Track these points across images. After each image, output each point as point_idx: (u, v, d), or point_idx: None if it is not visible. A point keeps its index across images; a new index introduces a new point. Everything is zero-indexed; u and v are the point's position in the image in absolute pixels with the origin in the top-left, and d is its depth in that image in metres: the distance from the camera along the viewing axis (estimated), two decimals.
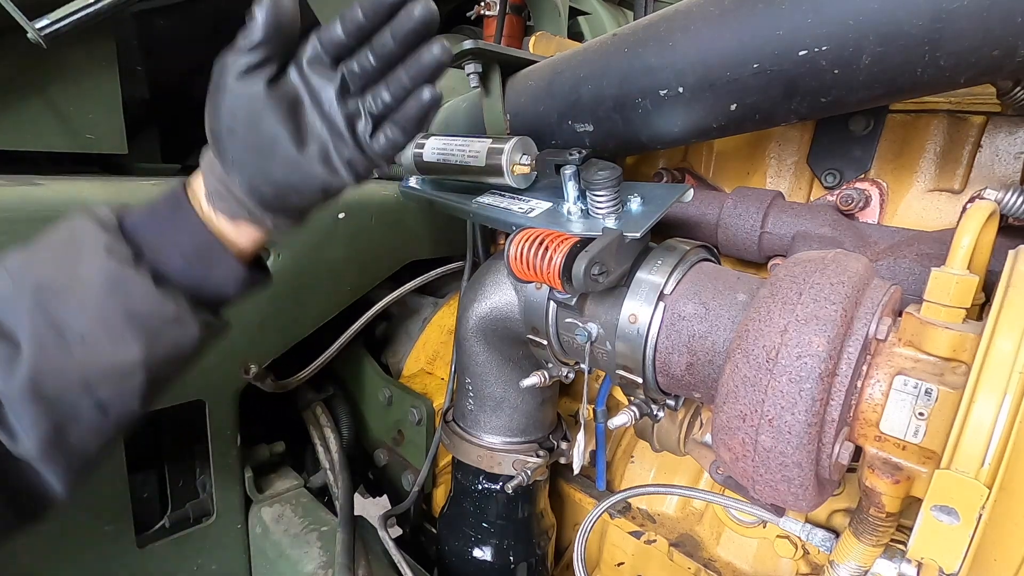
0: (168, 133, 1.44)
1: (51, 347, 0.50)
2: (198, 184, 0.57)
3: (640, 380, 0.69)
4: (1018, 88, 0.63)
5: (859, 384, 0.53)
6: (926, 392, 0.49)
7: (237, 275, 0.60)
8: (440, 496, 1.23)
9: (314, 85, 0.51)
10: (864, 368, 0.53)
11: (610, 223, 0.69)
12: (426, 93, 0.50)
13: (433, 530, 1.20)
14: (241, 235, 0.59)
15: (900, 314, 0.55)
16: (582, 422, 0.76)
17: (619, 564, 1.01)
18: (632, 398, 0.74)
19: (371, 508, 1.27)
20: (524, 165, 0.76)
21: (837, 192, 0.84)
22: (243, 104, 0.51)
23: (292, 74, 0.52)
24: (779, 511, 0.72)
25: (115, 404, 0.53)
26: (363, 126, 0.52)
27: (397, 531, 1.25)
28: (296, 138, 0.51)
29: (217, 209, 0.57)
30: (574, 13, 1.77)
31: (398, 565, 0.97)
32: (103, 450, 0.56)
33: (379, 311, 1.12)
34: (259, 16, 0.48)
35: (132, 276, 0.53)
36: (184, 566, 1.00)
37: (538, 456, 0.93)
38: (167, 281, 0.55)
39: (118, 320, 0.52)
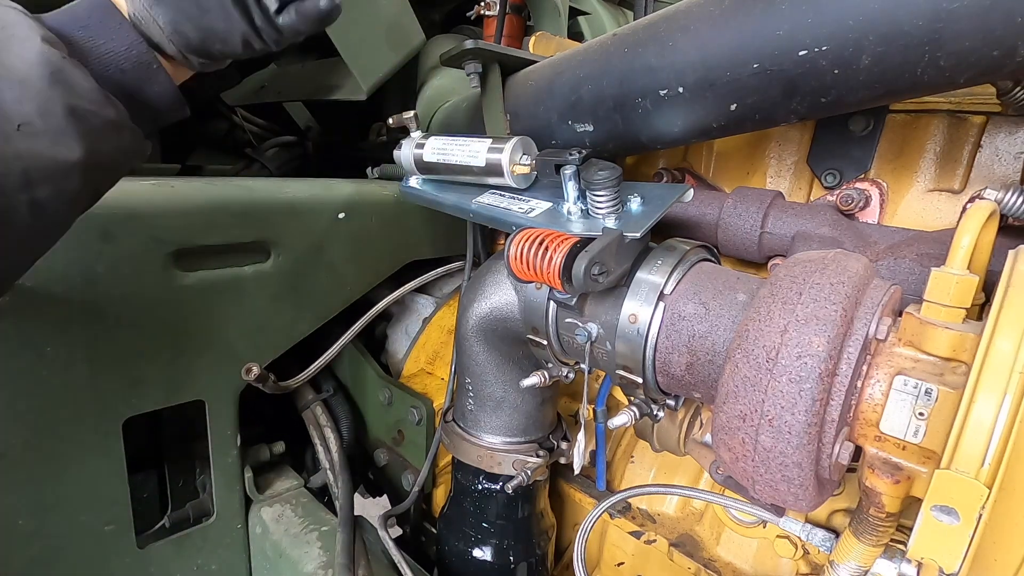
0: (168, 133, 1.44)
1: None
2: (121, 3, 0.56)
3: (640, 380, 0.69)
4: (1018, 88, 0.63)
5: (859, 384, 0.53)
6: (926, 392, 0.49)
7: (171, 93, 0.59)
8: (440, 496, 1.23)
9: None
10: (864, 368, 0.53)
11: (610, 223, 0.69)
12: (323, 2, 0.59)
13: (433, 530, 1.20)
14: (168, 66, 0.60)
15: (900, 314, 0.55)
16: (582, 422, 0.76)
17: (619, 564, 1.01)
18: (632, 398, 0.74)
19: (371, 508, 1.27)
20: (524, 165, 0.76)
21: (837, 192, 0.84)
22: None
23: None
24: (779, 511, 0.72)
25: (49, 207, 0.49)
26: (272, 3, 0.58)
27: (397, 531, 1.25)
28: None
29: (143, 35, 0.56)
30: (574, 13, 1.77)
31: (398, 565, 0.97)
32: (24, 265, 0.53)
33: (379, 311, 1.12)
34: None
35: (73, 70, 0.50)
36: (184, 566, 1.00)
37: (538, 456, 0.93)
38: (104, 85, 0.53)
39: (59, 113, 0.49)
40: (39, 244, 0.52)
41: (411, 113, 0.90)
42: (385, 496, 1.40)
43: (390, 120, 0.87)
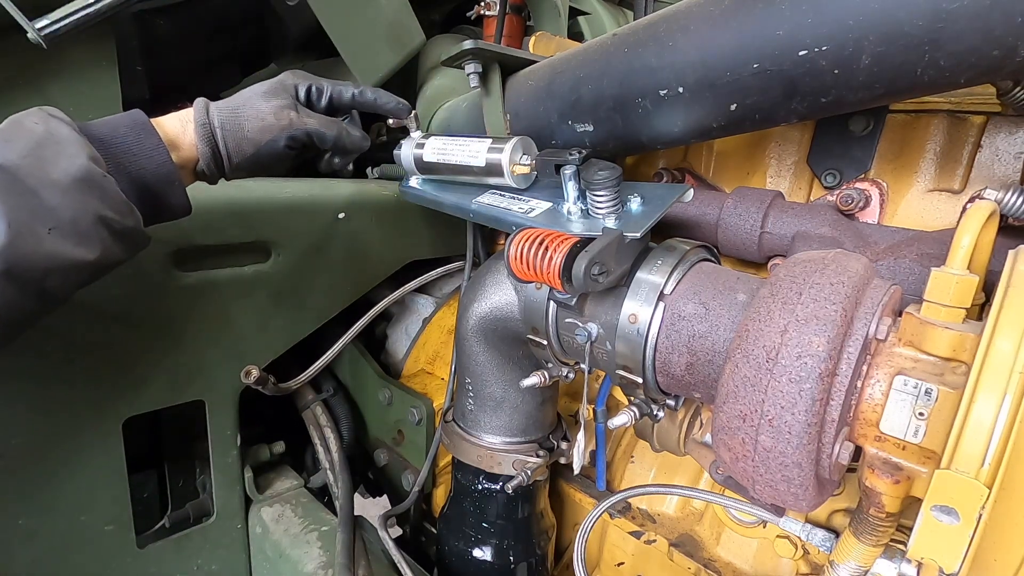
0: None
1: (26, 234, 0.51)
2: (171, 128, 0.68)
3: (640, 380, 0.69)
4: (1018, 88, 0.63)
5: (859, 384, 0.53)
6: (926, 392, 0.49)
7: (184, 203, 0.68)
8: (440, 496, 1.23)
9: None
10: (864, 368, 0.53)
11: (610, 223, 0.69)
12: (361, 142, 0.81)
13: (433, 530, 1.20)
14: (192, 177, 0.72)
15: (900, 314, 0.55)
16: (582, 422, 0.76)
17: (619, 564, 1.01)
18: (632, 398, 0.74)
19: (371, 508, 1.27)
20: (524, 165, 0.76)
21: (837, 192, 0.84)
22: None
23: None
24: (779, 511, 0.72)
25: (52, 296, 0.55)
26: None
27: (397, 531, 1.25)
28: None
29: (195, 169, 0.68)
30: (574, 13, 1.77)
31: (398, 565, 0.97)
32: (9, 339, 0.56)
33: (379, 312, 1.12)
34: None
35: (109, 183, 0.58)
36: (184, 566, 1.00)
37: (538, 456, 0.93)
38: (130, 192, 0.61)
39: (89, 221, 0.55)
40: (30, 324, 0.57)
41: (411, 113, 0.90)
42: (385, 496, 1.40)
43: (390, 120, 0.87)
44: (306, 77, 0.79)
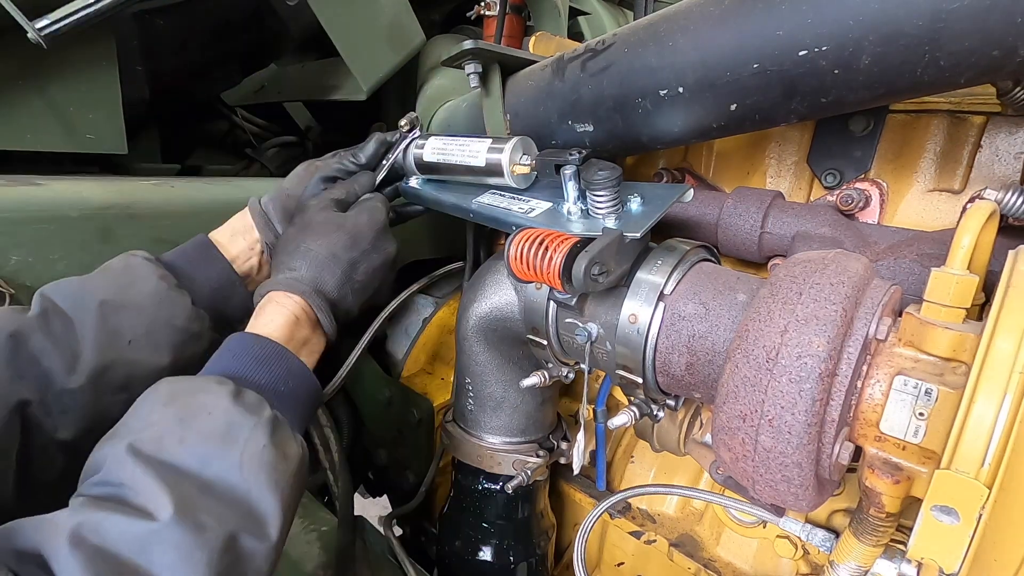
0: (168, 133, 1.44)
1: (108, 348, 0.61)
2: (232, 245, 0.78)
3: (640, 380, 0.69)
4: (1018, 88, 0.63)
5: (859, 384, 0.53)
6: (926, 392, 0.49)
7: (247, 306, 0.73)
8: (440, 496, 1.23)
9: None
10: (864, 368, 0.53)
11: (610, 223, 0.69)
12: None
13: (433, 530, 1.20)
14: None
15: (900, 314, 0.55)
16: (582, 422, 0.76)
17: (619, 564, 1.01)
18: (632, 398, 0.74)
19: (371, 508, 1.27)
20: (524, 165, 0.76)
21: (837, 192, 0.84)
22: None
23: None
24: (779, 511, 0.72)
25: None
26: None
27: (397, 531, 1.25)
28: None
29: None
30: (574, 13, 1.77)
31: (403, 565, 0.96)
32: None
33: (388, 313, 1.12)
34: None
35: (177, 296, 0.68)
36: None
37: (538, 456, 0.93)
38: (197, 300, 0.70)
39: (161, 331, 0.65)
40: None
41: (413, 114, 0.91)
42: (385, 496, 1.40)
43: (402, 122, 0.89)
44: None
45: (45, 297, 0.62)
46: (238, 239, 0.79)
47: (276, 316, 0.64)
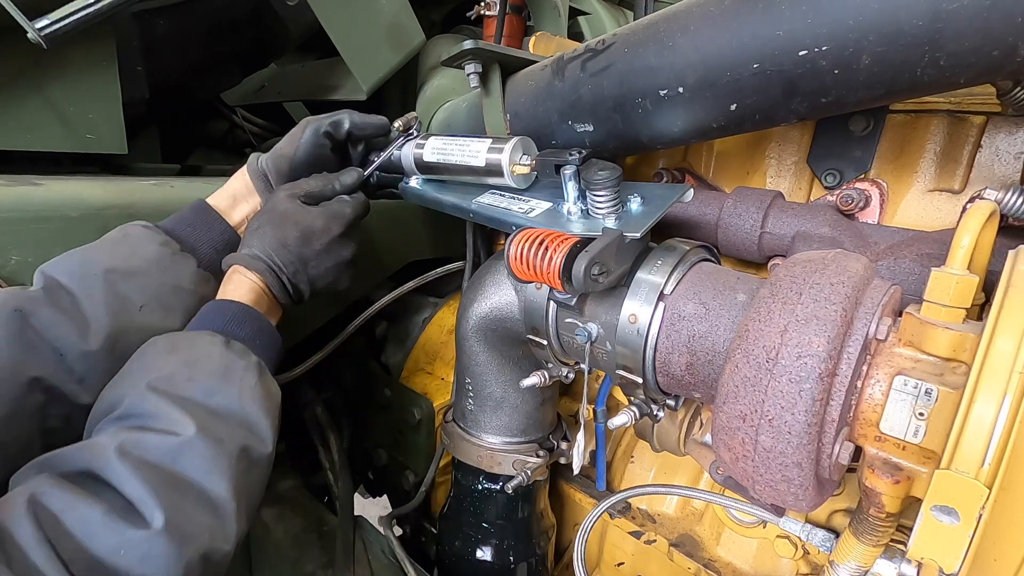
0: (168, 133, 1.44)
1: (120, 313, 0.64)
2: (234, 212, 0.80)
3: (640, 380, 0.69)
4: (1018, 88, 0.63)
5: (859, 384, 0.53)
6: (926, 392, 0.49)
7: None
8: (440, 496, 1.23)
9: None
10: (864, 368, 0.53)
11: (610, 223, 0.69)
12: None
13: (433, 530, 1.20)
14: None
15: (900, 314, 0.55)
16: (582, 422, 0.76)
17: (619, 564, 1.01)
18: (632, 398, 0.74)
19: (371, 508, 1.27)
20: (524, 165, 0.76)
21: (837, 192, 0.84)
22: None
23: None
24: (779, 511, 0.72)
25: None
26: None
27: (397, 531, 1.25)
28: None
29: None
30: (574, 13, 1.77)
31: (403, 566, 0.96)
32: None
33: (378, 310, 1.12)
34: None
35: (181, 260, 0.71)
36: None
37: (538, 456, 0.93)
38: (202, 264, 0.73)
39: (168, 293, 0.68)
40: None
41: (412, 114, 0.91)
42: (385, 496, 1.40)
43: (396, 124, 0.88)
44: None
45: (46, 274, 0.64)
46: (241, 205, 0.81)
47: (241, 286, 0.71)
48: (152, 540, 0.48)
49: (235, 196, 0.81)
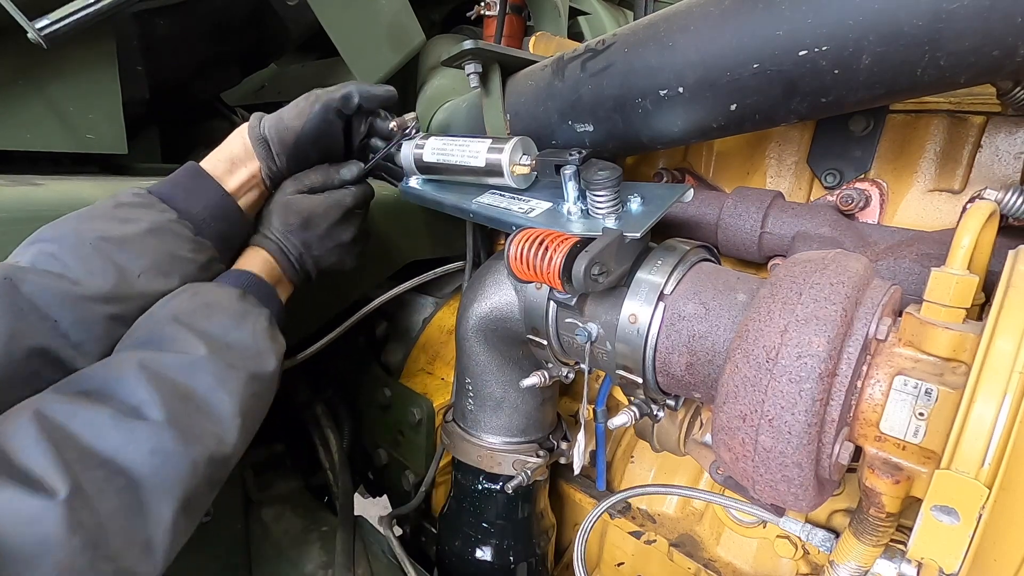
0: (168, 133, 1.44)
1: (120, 282, 0.64)
2: (230, 178, 0.79)
3: (640, 380, 0.69)
4: (1018, 88, 0.63)
5: (859, 384, 0.53)
6: (926, 392, 0.49)
7: (247, 232, 0.80)
8: (440, 496, 1.23)
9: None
10: (864, 368, 0.53)
11: (610, 223, 0.69)
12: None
13: (433, 530, 1.20)
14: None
15: (900, 314, 0.55)
16: (582, 422, 0.76)
17: (619, 564, 1.01)
18: (632, 398, 0.74)
19: (371, 508, 1.27)
20: (524, 165, 0.76)
21: (837, 192, 0.84)
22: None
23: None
24: (779, 511, 0.72)
25: None
26: None
27: (397, 531, 1.25)
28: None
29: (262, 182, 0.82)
30: (574, 13, 1.77)
31: (403, 566, 0.96)
32: None
33: (376, 307, 1.12)
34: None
35: (176, 226, 0.71)
36: (183, 566, 1.00)
37: (538, 456, 0.93)
38: (199, 231, 0.73)
39: (165, 261, 0.68)
40: None
41: (412, 114, 0.90)
42: (385, 496, 1.40)
43: (392, 123, 0.88)
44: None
45: (36, 242, 0.65)
46: (239, 170, 0.79)
47: (255, 259, 0.78)
48: (160, 433, 0.53)
49: (232, 160, 0.80)
